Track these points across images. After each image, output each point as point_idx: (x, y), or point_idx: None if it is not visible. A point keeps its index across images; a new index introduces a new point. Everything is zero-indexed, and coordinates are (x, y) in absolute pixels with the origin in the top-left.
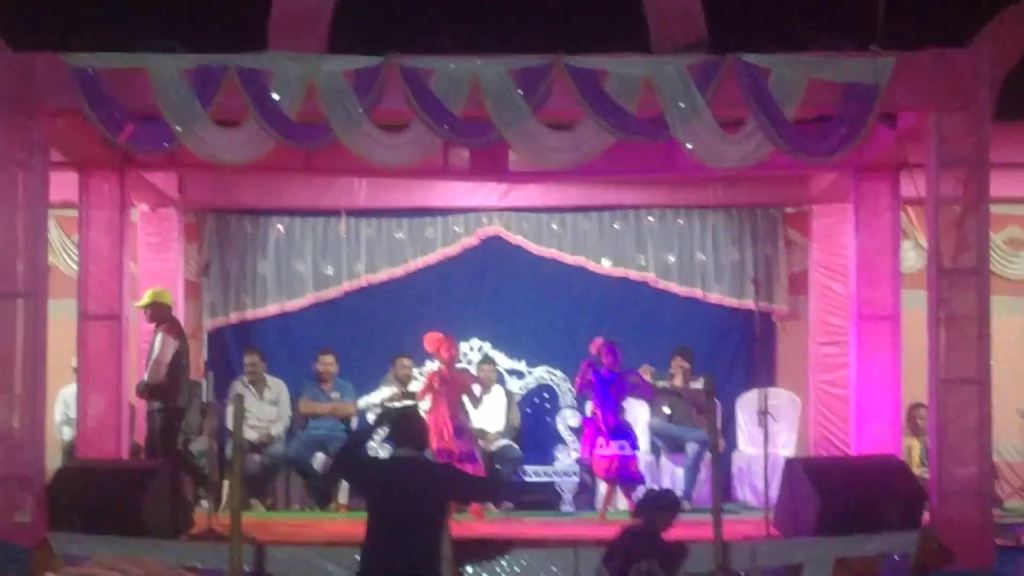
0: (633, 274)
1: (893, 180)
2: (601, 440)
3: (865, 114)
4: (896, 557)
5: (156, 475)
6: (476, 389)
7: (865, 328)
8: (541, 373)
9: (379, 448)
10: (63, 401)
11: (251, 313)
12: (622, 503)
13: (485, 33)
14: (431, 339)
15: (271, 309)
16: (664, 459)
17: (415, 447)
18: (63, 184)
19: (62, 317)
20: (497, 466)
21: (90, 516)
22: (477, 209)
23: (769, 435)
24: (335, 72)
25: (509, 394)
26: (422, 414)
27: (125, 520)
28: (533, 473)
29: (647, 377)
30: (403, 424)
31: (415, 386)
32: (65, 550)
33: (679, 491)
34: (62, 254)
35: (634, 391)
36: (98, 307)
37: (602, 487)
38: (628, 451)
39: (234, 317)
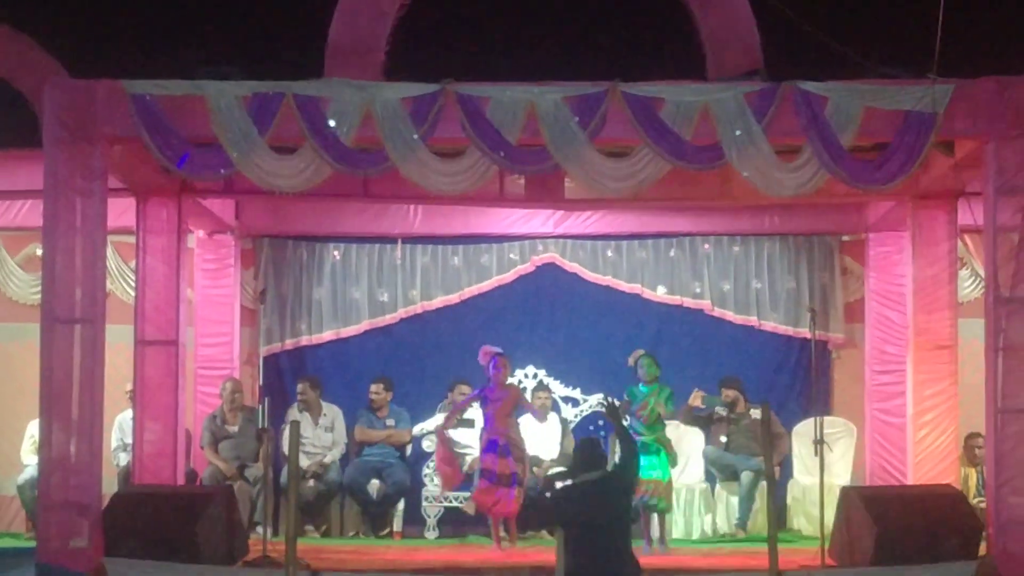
0: (688, 302)
1: (950, 208)
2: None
3: (922, 142)
4: None
5: (212, 501)
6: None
7: (922, 357)
8: (595, 401)
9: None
10: (119, 427)
11: (306, 339)
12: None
13: (541, 60)
14: (483, 352)
15: (326, 335)
16: (719, 487)
17: (600, 468)
18: (121, 210)
19: (119, 343)
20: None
21: (146, 542)
22: (532, 236)
23: (825, 464)
24: (392, 99)
25: (564, 421)
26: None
27: (180, 546)
28: None
29: (697, 402)
30: (584, 450)
31: (471, 413)
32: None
33: (733, 520)
34: (119, 280)
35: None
36: (154, 333)
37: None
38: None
39: (289, 343)
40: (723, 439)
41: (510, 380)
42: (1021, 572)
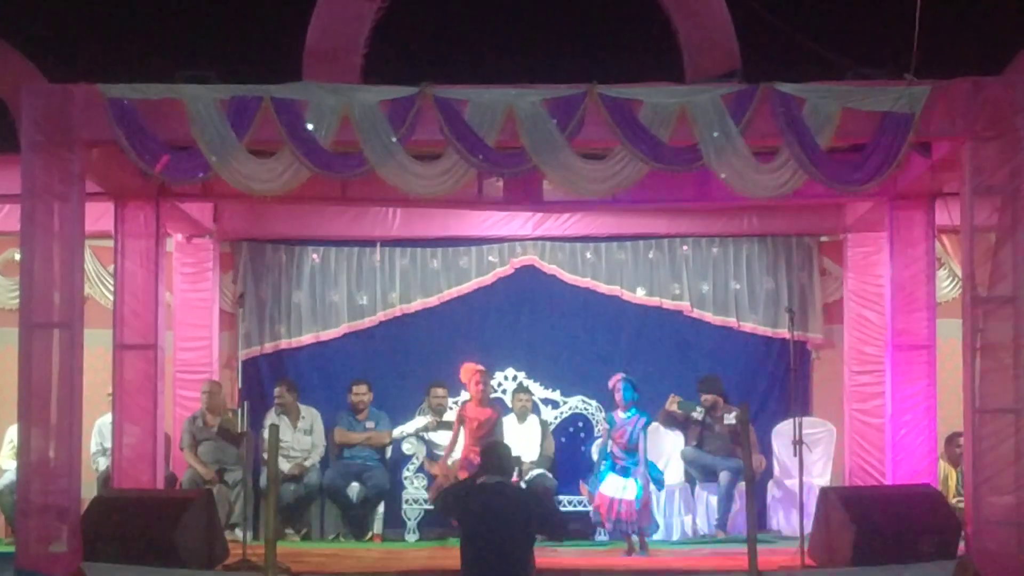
0: (667, 303)
1: (928, 209)
2: None
3: (900, 143)
4: None
5: (191, 505)
6: (502, 425)
7: (900, 357)
8: (575, 403)
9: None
10: (98, 431)
11: (285, 343)
12: None
13: (519, 63)
14: (464, 370)
15: (306, 339)
16: (698, 488)
17: (503, 474)
18: (99, 214)
19: (98, 347)
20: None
21: (125, 546)
22: (511, 238)
23: (804, 464)
24: (369, 102)
25: (544, 424)
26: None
27: (160, 550)
28: (567, 503)
29: (673, 407)
30: (493, 453)
31: (450, 415)
32: None
33: (713, 521)
34: (98, 284)
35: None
36: (133, 337)
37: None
38: None
39: (268, 347)
40: (694, 442)
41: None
42: (999, 571)
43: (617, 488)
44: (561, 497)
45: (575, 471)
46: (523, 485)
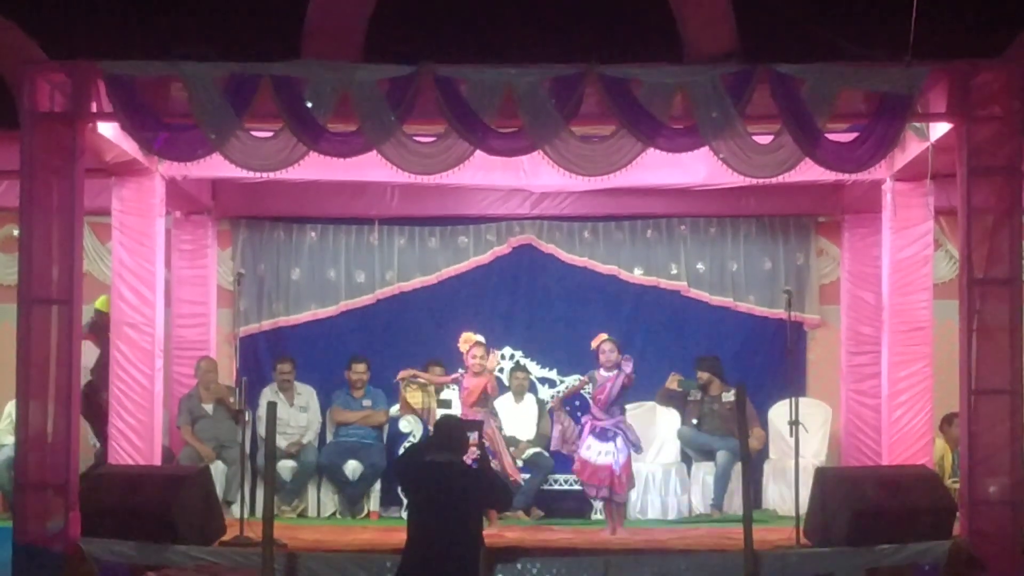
0: (665, 283)
1: (925, 190)
2: None
3: (898, 124)
4: (926, 567)
5: (188, 481)
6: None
7: (897, 338)
8: (572, 382)
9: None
10: None
11: (283, 320)
12: None
13: (519, 42)
14: (462, 340)
15: (303, 316)
16: (695, 468)
17: (453, 452)
18: (98, 191)
19: None
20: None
21: (123, 522)
22: (509, 218)
23: (800, 444)
24: (369, 81)
25: (540, 403)
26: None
27: (157, 526)
28: (564, 481)
29: (673, 385)
30: (442, 429)
31: (446, 394)
32: (98, 556)
33: (709, 500)
34: (96, 261)
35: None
36: (131, 314)
37: (632, 495)
38: None
39: (266, 324)
40: (694, 421)
41: (497, 365)
42: (994, 551)
43: (597, 452)
44: (557, 476)
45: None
46: (520, 463)
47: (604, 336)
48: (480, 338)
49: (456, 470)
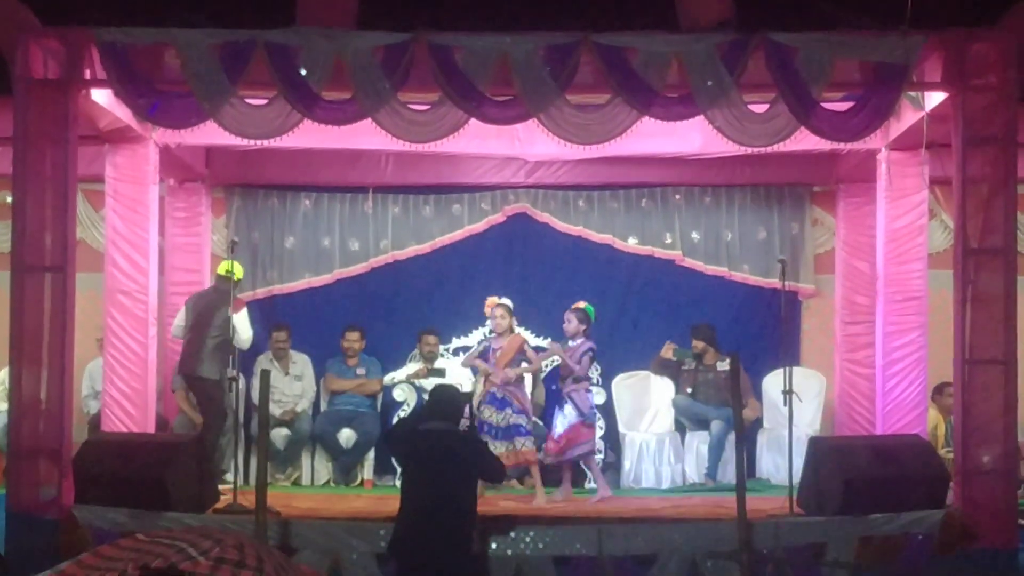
0: (659, 252)
1: (920, 160)
2: None
3: (893, 93)
4: (919, 536)
5: (182, 449)
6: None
7: (891, 308)
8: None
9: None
10: (89, 375)
11: (278, 288)
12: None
13: (514, 10)
14: (486, 304)
15: (298, 284)
16: (688, 437)
17: (448, 420)
18: (91, 158)
19: (90, 291)
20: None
21: (116, 489)
22: (504, 186)
23: (794, 414)
24: (363, 48)
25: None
26: (458, 389)
27: (151, 494)
28: None
29: (668, 354)
30: (438, 397)
31: (440, 363)
32: (91, 523)
33: (703, 469)
34: (90, 228)
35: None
36: (125, 281)
37: (626, 464)
38: None
39: (260, 292)
40: (688, 390)
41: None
42: (986, 521)
43: (558, 424)
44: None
45: None
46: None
47: (495, 300)
48: (506, 301)
49: (452, 438)
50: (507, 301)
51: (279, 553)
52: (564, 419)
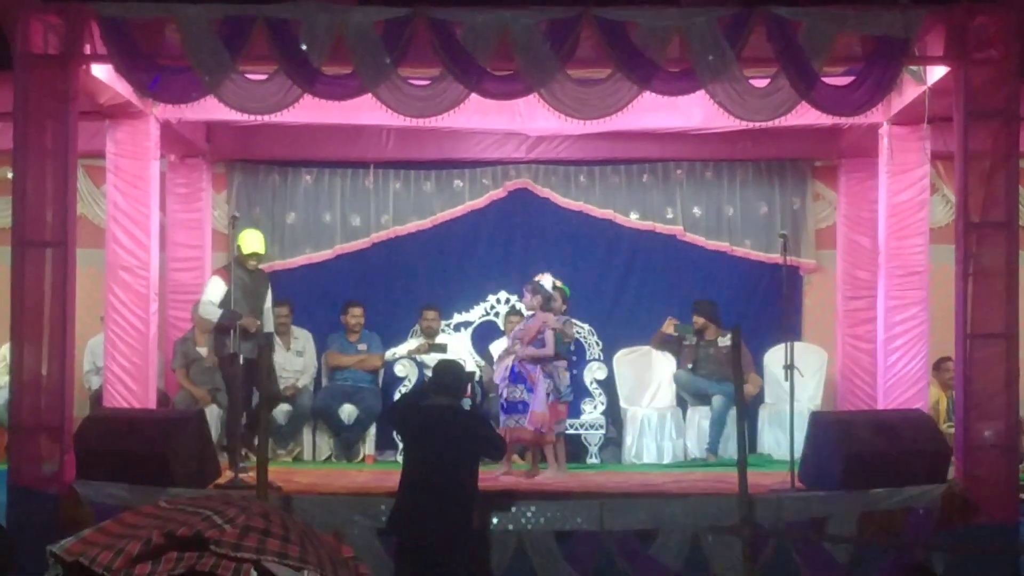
0: (661, 227)
1: (922, 134)
2: None
3: (894, 68)
4: (920, 511)
5: (183, 425)
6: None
7: (892, 282)
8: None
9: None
10: (91, 351)
11: (279, 264)
12: None
13: None
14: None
15: (299, 260)
16: (690, 412)
17: (451, 396)
18: (92, 133)
19: (90, 267)
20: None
21: (117, 465)
22: (505, 161)
23: (795, 389)
24: (364, 23)
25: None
26: (462, 364)
27: (152, 469)
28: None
29: (669, 329)
30: (441, 373)
31: (441, 338)
32: (92, 499)
33: (704, 445)
34: (91, 204)
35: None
36: (126, 257)
37: (627, 439)
38: None
39: (262, 268)
40: (689, 365)
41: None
42: (987, 496)
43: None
44: None
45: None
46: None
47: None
48: (535, 279)
49: (455, 414)
50: (548, 279)
51: (303, 522)
52: (541, 398)
